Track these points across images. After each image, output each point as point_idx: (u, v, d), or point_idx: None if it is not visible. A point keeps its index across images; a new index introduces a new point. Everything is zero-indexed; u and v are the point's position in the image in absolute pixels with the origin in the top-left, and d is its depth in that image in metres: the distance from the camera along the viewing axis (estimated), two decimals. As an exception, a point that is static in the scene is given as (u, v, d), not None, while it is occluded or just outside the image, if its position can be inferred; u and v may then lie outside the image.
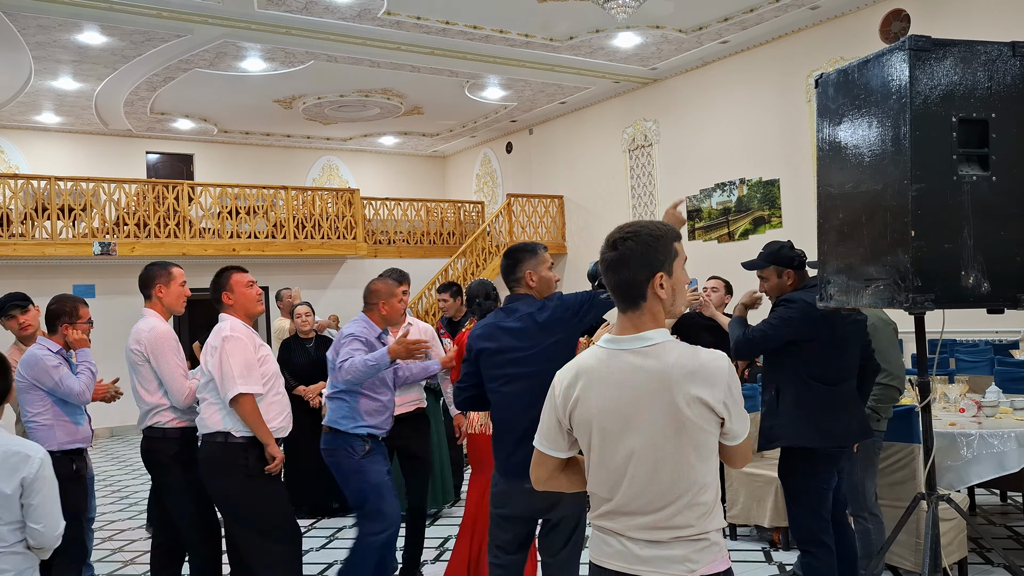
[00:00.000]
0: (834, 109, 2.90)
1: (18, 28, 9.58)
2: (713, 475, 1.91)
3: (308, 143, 16.51)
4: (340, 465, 4.14)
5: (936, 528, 2.77)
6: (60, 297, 4.29)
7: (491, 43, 10.88)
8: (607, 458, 1.93)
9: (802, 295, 3.64)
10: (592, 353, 1.99)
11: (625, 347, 1.93)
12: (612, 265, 1.97)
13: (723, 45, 11.30)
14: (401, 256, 14.84)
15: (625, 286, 1.95)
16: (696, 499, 1.87)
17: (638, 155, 13.41)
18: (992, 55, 2.60)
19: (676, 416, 1.85)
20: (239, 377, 3.57)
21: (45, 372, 4.01)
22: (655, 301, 1.95)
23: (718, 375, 1.88)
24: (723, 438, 1.94)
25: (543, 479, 2.11)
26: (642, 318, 1.95)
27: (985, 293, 2.56)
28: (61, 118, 13.64)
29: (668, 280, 1.95)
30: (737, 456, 2.01)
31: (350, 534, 5.90)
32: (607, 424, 1.91)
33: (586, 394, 1.94)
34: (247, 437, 3.60)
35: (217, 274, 3.87)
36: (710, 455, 1.90)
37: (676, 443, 1.86)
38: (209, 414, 3.64)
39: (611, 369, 1.92)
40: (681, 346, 1.92)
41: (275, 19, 9.76)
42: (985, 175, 2.57)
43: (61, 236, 11.65)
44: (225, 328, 3.68)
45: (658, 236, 1.96)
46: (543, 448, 2.07)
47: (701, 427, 1.86)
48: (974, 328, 8.61)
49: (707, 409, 1.86)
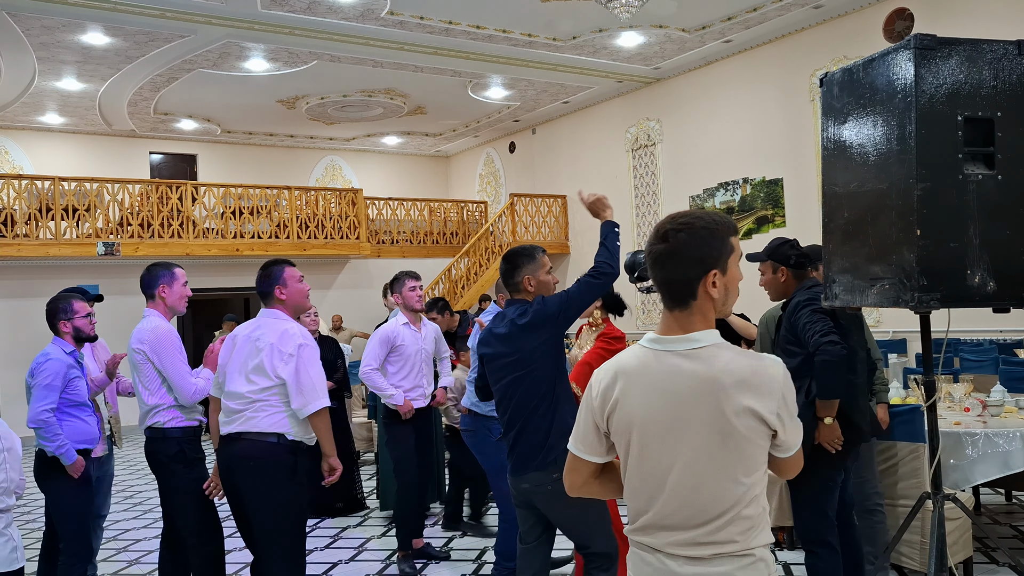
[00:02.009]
0: (839, 108, 2.89)
1: (22, 29, 9.60)
2: (761, 487, 1.77)
3: (311, 143, 16.52)
4: (480, 445, 4.53)
5: (942, 528, 2.77)
6: (54, 297, 4.31)
7: (494, 43, 10.88)
8: (646, 467, 1.78)
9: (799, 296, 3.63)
10: (633, 353, 1.83)
11: (670, 348, 1.77)
12: (661, 259, 1.78)
13: (726, 44, 11.29)
14: (404, 256, 14.84)
15: (674, 283, 1.78)
16: (741, 513, 1.72)
17: (641, 155, 13.40)
18: (997, 54, 2.60)
19: (723, 426, 1.70)
20: (320, 390, 3.52)
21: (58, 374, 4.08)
22: (706, 300, 1.77)
23: (772, 384, 1.72)
24: (774, 449, 1.79)
25: (577, 485, 1.95)
26: (691, 318, 1.77)
27: (991, 292, 2.55)
28: (65, 119, 13.66)
29: (722, 278, 1.77)
30: (788, 467, 1.85)
31: (354, 534, 5.91)
32: (648, 431, 1.76)
33: (626, 397, 1.78)
34: (295, 441, 3.55)
35: (267, 266, 3.69)
36: (758, 467, 1.76)
37: (722, 454, 1.71)
38: (266, 415, 3.50)
39: (654, 371, 1.77)
40: (732, 350, 1.76)
41: (278, 19, 9.77)
42: (991, 174, 2.56)
43: (65, 236, 11.67)
44: (297, 335, 3.54)
45: (714, 229, 1.77)
46: (578, 452, 1.91)
47: (750, 439, 1.71)
48: (978, 327, 8.59)
49: (758, 421, 1.71)
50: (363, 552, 5.49)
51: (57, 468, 4.04)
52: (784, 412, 1.73)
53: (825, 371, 3.42)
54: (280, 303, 3.64)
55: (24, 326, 11.01)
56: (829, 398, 3.47)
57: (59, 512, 4.13)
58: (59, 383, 4.07)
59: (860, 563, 3.81)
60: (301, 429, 3.56)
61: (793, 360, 3.58)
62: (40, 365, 4.10)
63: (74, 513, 4.11)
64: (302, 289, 3.69)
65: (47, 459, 4.06)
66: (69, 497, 4.09)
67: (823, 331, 3.44)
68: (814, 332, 3.46)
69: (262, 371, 3.49)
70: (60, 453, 4.01)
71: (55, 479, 4.07)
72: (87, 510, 4.19)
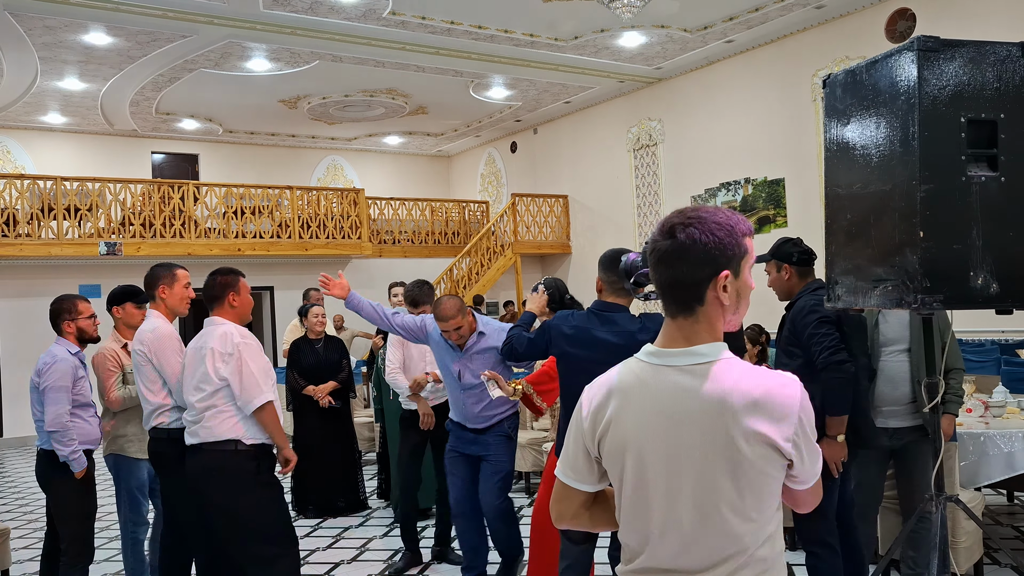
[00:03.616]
0: (842, 109, 2.89)
1: (24, 29, 9.61)
2: (776, 524, 1.54)
3: (313, 143, 16.53)
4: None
5: (944, 529, 2.76)
6: (58, 297, 4.31)
7: (496, 43, 10.89)
8: (642, 501, 1.55)
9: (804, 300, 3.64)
10: (629, 367, 1.61)
11: (671, 362, 1.54)
12: (666, 257, 1.55)
13: (728, 44, 11.28)
14: (406, 256, 14.85)
15: (679, 285, 1.55)
16: (755, 555, 1.50)
17: (643, 155, 13.40)
18: (1001, 55, 2.60)
19: (732, 454, 1.47)
20: (263, 384, 3.55)
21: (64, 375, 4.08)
22: (715, 307, 1.55)
23: (788, 406, 1.48)
24: (789, 480, 1.55)
25: (566, 516, 1.72)
26: (696, 327, 1.55)
27: (994, 294, 2.55)
28: (67, 118, 13.67)
29: (734, 282, 1.55)
30: (805, 501, 1.61)
31: (356, 534, 5.92)
32: (644, 458, 1.54)
33: (620, 417, 1.56)
34: (256, 444, 3.58)
35: (223, 273, 3.77)
36: (772, 501, 1.53)
37: (731, 486, 1.48)
38: (219, 422, 3.55)
39: (652, 389, 1.54)
40: (742, 366, 1.53)
41: (280, 19, 9.77)
42: (994, 176, 2.56)
43: (67, 236, 11.68)
44: (234, 333, 3.60)
45: (728, 226, 1.55)
46: (567, 479, 1.68)
47: (762, 469, 1.48)
48: (980, 328, 8.59)
49: (772, 449, 1.47)
50: (365, 552, 5.49)
51: (59, 469, 4.04)
52: (801, 439, 1.50)
53: (834, 389, 3.45)
54: (230, 311, 3.72)
55: (26, 326, 11.02)
56: (839, 415, 3.48)
57: (61, 513, 4.13)
58: (68, 383, 4.08)
59: (861, 563, 3.81)
60: (258, 430, 3.59)
61: (793, 362, 3.63)
62: (48, 366, 4.10)
63: (76, 514, 4.12)
64: (250, 300, 3.84)
65: (50, 460, 4.06)
66: (71, 498, 4.10)
67: (832, 347, 3.46)
68: (823, 348, 3.48)
69: (207, 377, 3.56)
70: (72, 460, 4.02)
71: (58, 480, 4.07)
72: (89, 511, 4.20)
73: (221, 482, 3.56)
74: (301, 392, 6.41)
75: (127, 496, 4.45)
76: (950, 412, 3.97)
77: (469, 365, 4.32)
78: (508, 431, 4.42)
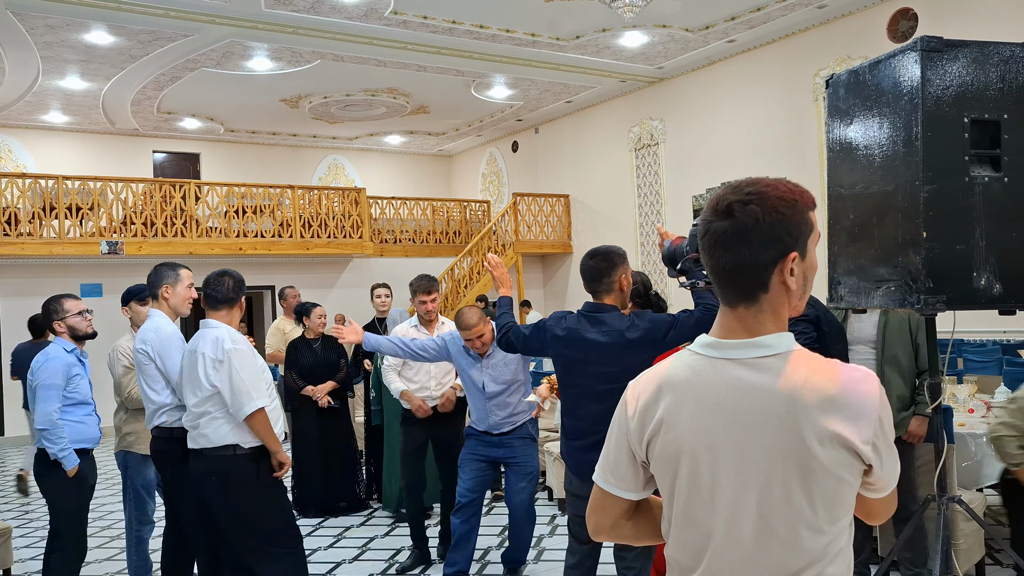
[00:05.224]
0: (844, 110, 2.89)
1: (26, 28, 9.61)
2: (847, 538, 1.37)
3: (314, 142, 16.53)
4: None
5: (947, 530, 2.76)
6: (45, 301, 4.28)
7: (497, 42, 10.88)
8: (697, 511, 1.37)
9: None
10: (683, 361, 1.42)
11: (732, 355, 1.36)
12: (724, 240, 1.36)
13: (730, 44, 11.28)
14: (407, 255, 14.85)
15: (740, 271, 1.36)
16: (824, 573, 1.33)
17: (644, 154, 13.39)
18: (1004, 56, 2.59)
19: (803, 458, 1.30)
20: (253, 391, 3.56)
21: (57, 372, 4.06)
22: (780, 293, 1.37)
23: (866, 404, 1.31)
24: (865, 488, 1.37)
25: (605, 527, 1.54)
26: (760, 316, 1.37)
27: (997, 294, 2.54)
28: (68, 117, 13.68)
29: (801, 264, 1.37)
30: (879, 511, 1.45)
31: (357, 533, 5.91)
32: (701, 462, 1.36)
33: (673, 417, 1.38)
34: (254, 447, 3.60)
35: (230, 274, 3.75)
36: (846, 512, 1.35)
37: (801, 495, 1.31)
38: (214, 428, 3.58)
39: (711, 385, 1.36)
40: (814, 359, 1.36)
41: (282, 19, 9.77)
42: (997, 176, 2.56)
43: (68, 235, 11.69)
44: (226, 339, 3.59)
45: (791, 201, 1.36)
46: (607, 486, 1.50)
47: (837, 475, 1.31)
48: (982, 328, 8.58)
49: (849, 452, 1.30)
50: (366, 552, 5.49)
51: (55, 467, 4.06)
52: (881, 441, 1.33)
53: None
54: (230, 313, 3.71)
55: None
56: None
57: (56, 510, 4.16)
58: (60, 381, 4.07)
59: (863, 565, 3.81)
60: (254, 435, 3.61)
61: None
62: (40, 365, 4.10)
63: (71, 511, 4.14)
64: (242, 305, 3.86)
65: (46, 458, 4.07)
66: (66, 496, 4.11)
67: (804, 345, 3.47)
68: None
69: (200, 383, 3.58)
70: (62, 457, 4.02)
71: (53, 478, 4.09)
72: (84, 509, 4.22)
73: (225, 485, 3.59)
74: (300, 392, 6.40)
75: (133, 494, 4.47)
76: (920, 413, 4.04)
77: (491, 372, 4.43)
78: (531, 432, 4.57)
